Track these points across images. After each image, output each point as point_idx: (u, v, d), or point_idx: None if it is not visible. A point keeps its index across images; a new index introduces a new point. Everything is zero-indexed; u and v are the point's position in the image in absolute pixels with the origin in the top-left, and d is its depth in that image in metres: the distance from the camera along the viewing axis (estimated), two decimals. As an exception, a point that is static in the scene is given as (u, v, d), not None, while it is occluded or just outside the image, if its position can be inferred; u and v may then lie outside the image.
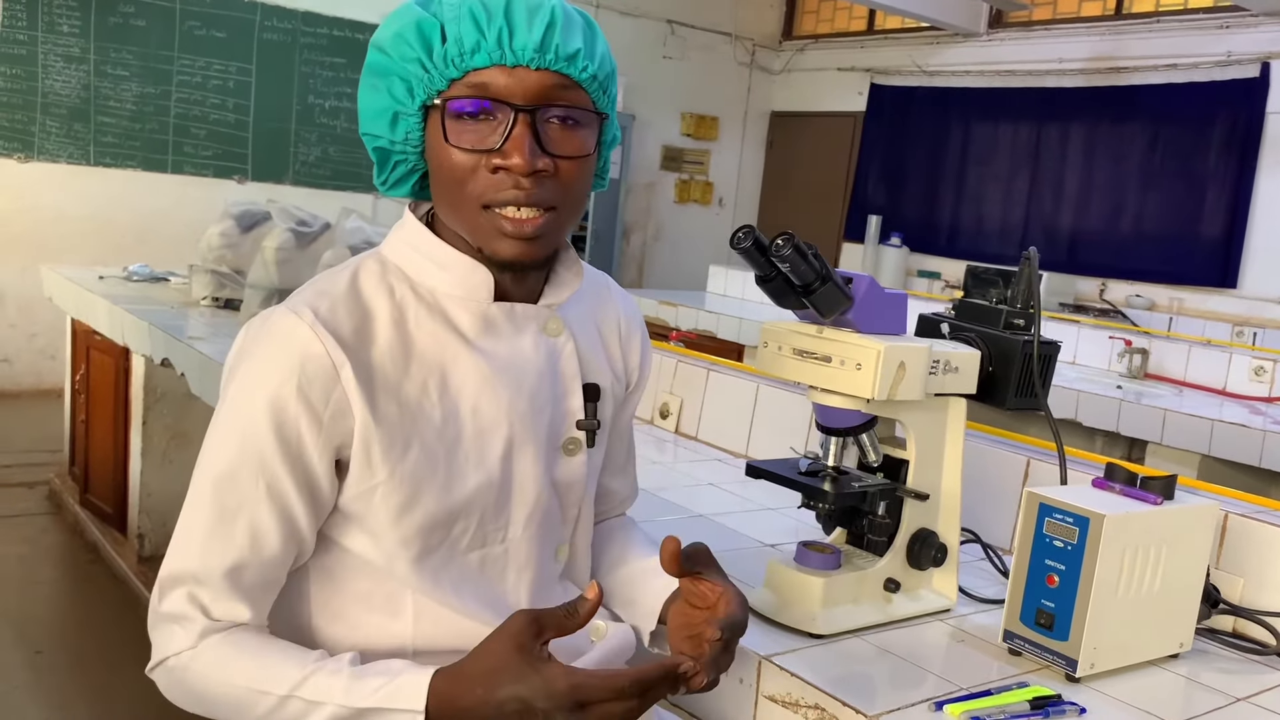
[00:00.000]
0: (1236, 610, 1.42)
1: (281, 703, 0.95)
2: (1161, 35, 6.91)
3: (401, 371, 1.01)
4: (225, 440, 0.99)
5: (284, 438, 0.97)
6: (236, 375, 1.00)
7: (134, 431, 3.54)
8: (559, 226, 1.02)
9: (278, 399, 0.97)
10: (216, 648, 0.98)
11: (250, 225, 3.58)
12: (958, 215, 8.10)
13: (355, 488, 1.00)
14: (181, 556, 1.00)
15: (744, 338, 4.97)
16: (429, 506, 1.02)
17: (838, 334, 1.25)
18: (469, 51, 0.96)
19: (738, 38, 9.06)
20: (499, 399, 1.05)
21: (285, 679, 0.95)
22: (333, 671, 0.95)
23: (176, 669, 0.99)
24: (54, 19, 5.98)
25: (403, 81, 1.00)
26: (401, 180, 1.08)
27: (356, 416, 0.98)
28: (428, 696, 0.91)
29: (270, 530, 0.99)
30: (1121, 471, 1.31)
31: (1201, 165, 6.70)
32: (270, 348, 0.98)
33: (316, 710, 0.94)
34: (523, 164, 0.96)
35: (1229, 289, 6.56)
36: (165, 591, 1.00)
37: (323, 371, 0.97)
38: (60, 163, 6.11)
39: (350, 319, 1.00)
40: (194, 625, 0.98)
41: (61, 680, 2.85)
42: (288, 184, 6.77)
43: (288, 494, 0.98)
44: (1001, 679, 1.21)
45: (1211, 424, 3.37)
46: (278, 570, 1.01)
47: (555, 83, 0.98)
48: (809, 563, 1.32)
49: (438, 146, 1.00)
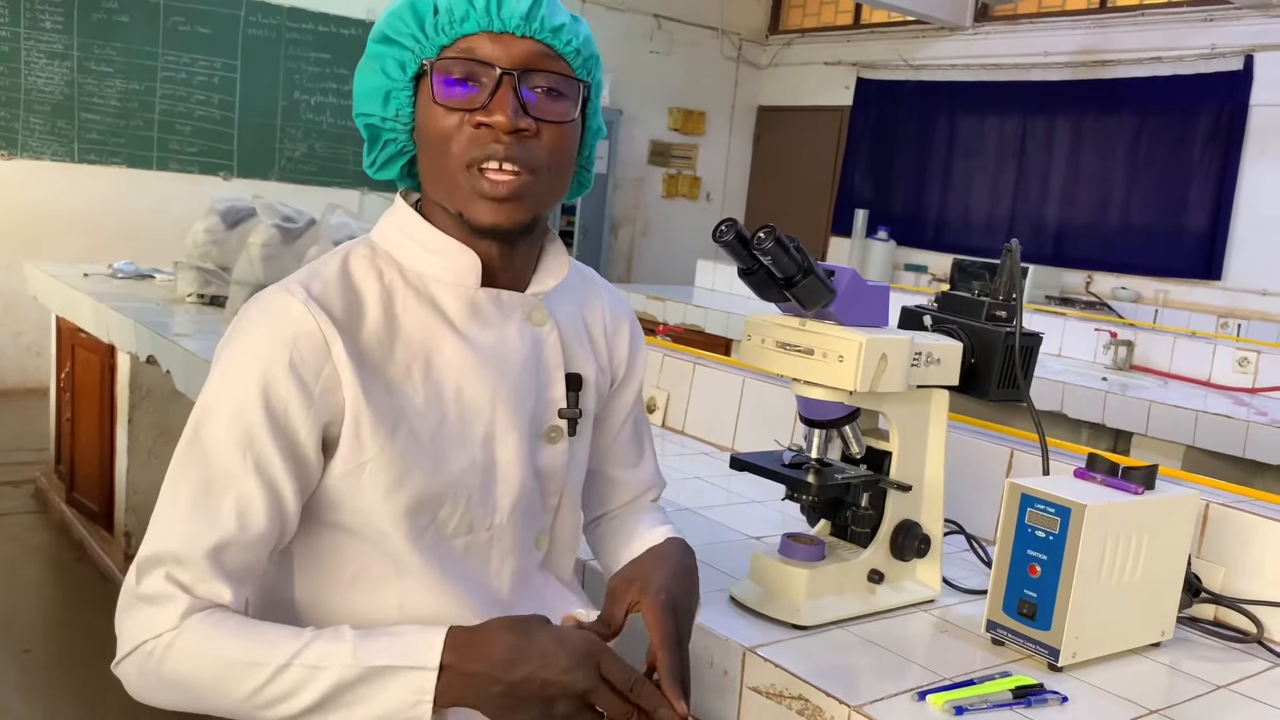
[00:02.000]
0: (1217, 599, 1.43)
1: (277, 673, 0.92)
2: (1146, 28, 6.94)
3: (386, 353, 1.03)
4: (213, 415, 0.99)
5: (273, 413, 0.98)
6: (227, 351, 1.01)
7: (120, 429, 3.53)
8: (538, 193, 1.04)
9: (269, 374, 0.98)
10: (201, 625, 0.94)
11: (235, 221, 3.57)
12: (944, 209, 8.12)
13: (344, 465, 1.01)
14: (163, 536, 0.97)
15: (731, 332, 4.98)
16: (417, 485, 1.03)
17: (820, 326, 1.26)
18: (459, 19, 1.01)
19: (724, 32, 9.05)
20: (483, 384, 1.07)
21: (281, 649, 0.93)
22: (333, 638, 0.94)
23: (155, 652, 0.95)
24: (36, 15, 5.95)
25: (396, 59, 1.04)
26: (390, 161, 1.10)
27: (347, 393, 0.99)
28: (443, 649, 0.92)
29: (257, 507, 0.98)
30: (1103, 462, 1.31)
31: (1186, 158, 6.73)
32: (263, 324, 1.00)
33: (319, 676, 0.92)
34: (505, 121, 0.99)
35: (1214, 281, 6.59)
36: (144, 573, 0.97)
37: (315, 348, 0.99)
38: (44, 160, 6.08)
39: (341, 300, 1.03)
40: (176, 605, 0.95)
41: (49, 678, 2.84)
42: (273, 180, 6.74)
43: (276, 470, 0.98)
44: (984, 668, 1.21)
45: (1196, 415, 3.39)
46: (261, 550, 0.99)
47: (540, 51, 1.03)
48: (793, 554, 1.32)
49: (426, 111, 1.04)
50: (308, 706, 0.92)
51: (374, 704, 0.92)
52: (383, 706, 0.91)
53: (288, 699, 0.92)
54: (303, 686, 0.92)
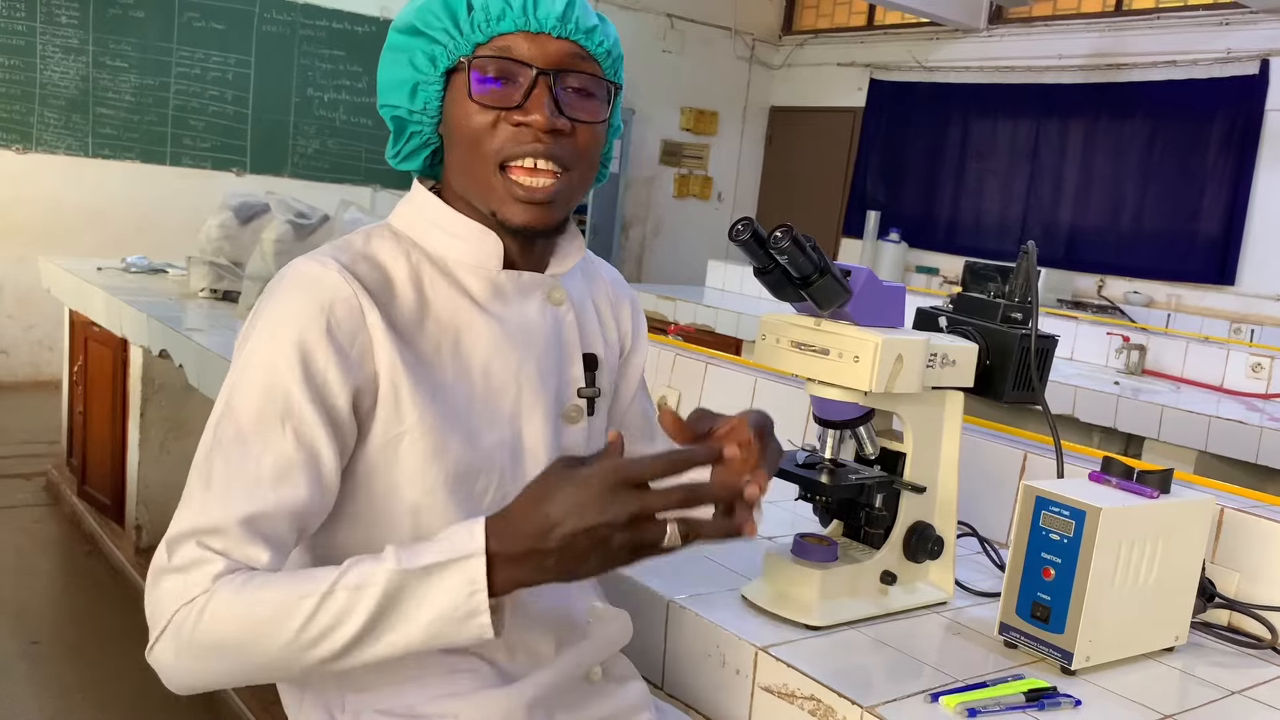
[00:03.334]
0: (1232, 604, 1.43)
1: (323, 601, 0.87)
2: (1161, 32, 6.91)
3: (417, 329, 1.04)
4: (249, 385, 0.96)
5: (312, 379, 0.96)
6: (261, 319, 0.99)
7: (132, 423, 3.54)
8: (570, 192, 1.06)
9: (306, 340, 0.97)
10: (233, 582, 0.90)
11: (249, 217, 3.58)
12: (956, 211, 8.09)
13: (384, 435, 1.01)
14: (196, 512, 0.93)
15: (742, 332, 4.97)
16: (455, 453, 1.03)
17: (835, 326, 1.25)
18: (495, 18, 1.02)
19: (737, 32, 9.04)
20: (509, 362, 1.08)
21: (323, 579, 0.89)
22: (372, 559, 0.90)
23: (188, 621, 0.89)
24: (52, 10, 5.97)
25: (426, 53, 1.05)
26: (415, 153, 1.12)
27: (382, 361, 1.00)
28: (486, 536, 0.88)
29: (298, 475, 0.95)
30: (1118, 465, 1.31)
31: (1200, 162, 6.70)
32: (298, 291, 0.99)
33: (365, 594, 0.87)
34: (543, 120, 1.01)
35: (1227, 286, 6.56)
36: (175, 547, 0.93)
37: (351, 313, 0.99)
38: (58, 154, 6.10)
39: (372, 273, 1.04)
40: (210, 567, 0.90)
41: (59, 671, 2.85)
42: (286, 176, 6.75)
43: (317, 437, 0.96)
44: (997, 671, 1.21)
45: (1209, 420, 3.37)
46: (297, 522, 0.96)
47: (574, 51, 1.04)
48: (806, 555, 1.32)
49: (459, 108, 1.04)
50: (358, 631, 0.88)
51: (428, 607, 0.87)
52: (436, 607, 0.87)
53: (336, 628, 0.88)
54: (350, 610, 0.87)
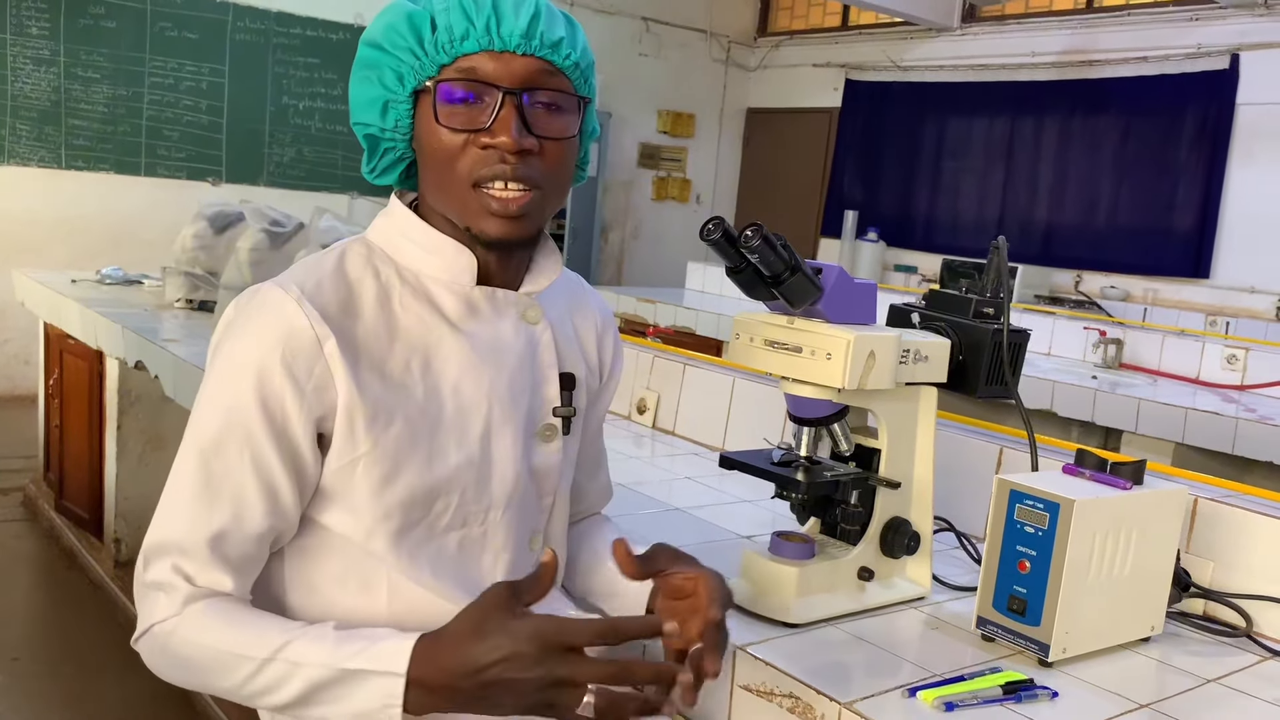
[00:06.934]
0: (1207, 593, 1.44)
1: (263, 666, 0.96)
2: (1132, 28, 6.96)
3: (385, 349, 1.04)
4: (211, 411, 1.01)
5: (269, 410, 0.99)
6: (223, 347, 1.03)
7: (109, 436, 3.52)
8: (542, 207, 1.06)
9: (263, 371, 0.99)
10: (200, 614, 0.99)
11: (224, 226, 3.57)
12: (934, 209, 8.13)
13: (337, 460, 1.02)
14: (166, 526, 1.01)
15: (722, 333, 4.98)
16: (410, 480, 1.03)
17: (808, 324, 1.26)
18: (459, 38, 1.01)
19: (713, 34, 9.06)
20: (480, 380, 1.08)
21: (267, 643, 0.96)
22: (316, 637, 0.96)
23: (160, 635, 1.00)
24: (22, 21, 5.92)
25: (394, 71, 1.04)
26: (389, 168, 1.12)
27: (340, 390, 1.00)
28: (410, 661, 0.92)
29: (254, 502, 1.00)
30: (1091, 458, 1.32)
31: (1173, 157, 6.75)
32: (256, 321, 1.01)
33: (298, 672, 0.95)
34: (510, 142, 1.00)
35: (1202, 279, 6.62)
36: (150, 560, 1.01)
37: (306, 345, 0.99)
38: (31, 166, 6.05)
39: (336, 295, 1.03)
40: (178, 593, 0.99)
41: (39, 686, 2.83)
42: (263, 185, 6.72)
43: (272, 466, 1.00)
44: (975, 664, 1.21)
45: (1185, 412, 3.40)
46: (260, 545, 1.03)
47: (540, 68, 1.03)
48: (783, 553, 1.32)
49: (428, 129, 1.04)
50: (290, 700, 0.96)
51: (349, 703, 0.94)
52: (356, 705, 0.94)
53: (272, 691, 0.96)
54: (285, 681, 0.96)
